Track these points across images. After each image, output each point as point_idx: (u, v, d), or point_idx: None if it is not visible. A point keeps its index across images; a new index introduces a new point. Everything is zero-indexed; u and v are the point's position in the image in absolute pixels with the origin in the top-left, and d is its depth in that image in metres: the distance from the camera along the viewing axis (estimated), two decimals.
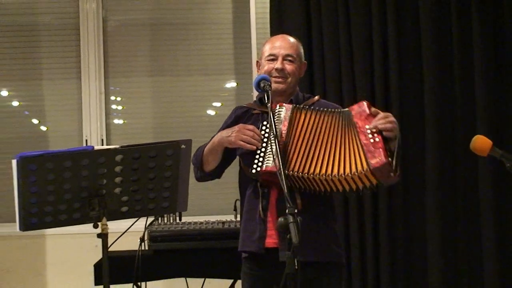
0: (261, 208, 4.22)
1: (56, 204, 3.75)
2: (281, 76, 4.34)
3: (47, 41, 8.03)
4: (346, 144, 4.14)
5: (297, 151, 4.13)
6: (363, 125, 4.13)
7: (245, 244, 4.33)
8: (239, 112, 4.52)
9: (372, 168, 4.01)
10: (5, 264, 7.54)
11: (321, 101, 4.59)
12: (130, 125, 8.08)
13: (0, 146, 7.73)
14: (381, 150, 4.03)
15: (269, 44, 4.50)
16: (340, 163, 4.08)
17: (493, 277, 6.93)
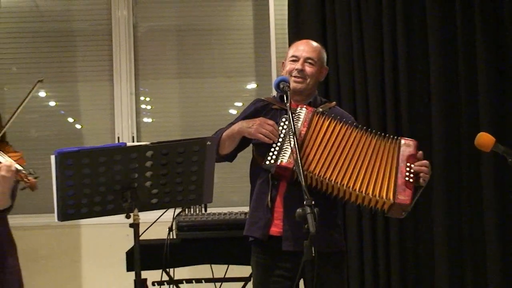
0: (270, 198, 4.24)
1: (91, 196, 3.76)
2: (301, 76, 4.36)
3: (82, 46, 8.06)
4: (381, 168, 4.17)
5: (316, 155, 4.14)
6: (405, 163, 4.15)
7: (250, 229, 4.36)
8: (259, 105, 4.53)
9: (396, 202, 4.06)
10: (43, 251, 7.57)
11: (337, 107, 4.60)
12: (159, 123, 8.11)
13: (39, 143, 7.75)
14: (410, 192, 4.08)
15: (294, 47, 4.53)
16: (365, 180, 4.12)
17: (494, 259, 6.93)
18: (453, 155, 7.07)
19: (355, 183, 4.10)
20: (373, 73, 7.08)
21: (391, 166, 4.14)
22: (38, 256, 7.42)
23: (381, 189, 4.08)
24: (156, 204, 3.93)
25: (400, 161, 4.15)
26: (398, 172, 4.11)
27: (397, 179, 4.09)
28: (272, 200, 4.23)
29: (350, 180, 4.10)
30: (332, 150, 4.15)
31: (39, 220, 7.35)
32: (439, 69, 7.08)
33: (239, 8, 8.16)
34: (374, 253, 6.99)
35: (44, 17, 8.11)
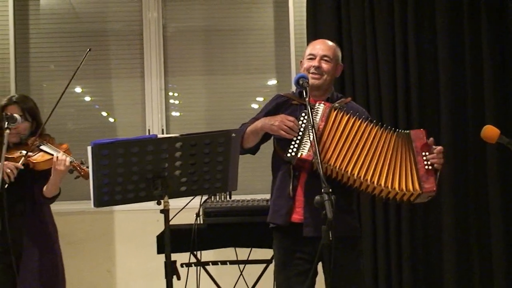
0: (291, 187, 4.24)
1: (125, 184, 3.79)
2: (318, 73, 4.37)
3: (115, 45, 8.11)
4: (398, 161, 4.16)
5: (336, 148, 4.15)
6: (421, 150, 4.15)
7: (273, 217, 4.37)
8: (279, 100, 4.55)
9: (424, 191, 4.07)
10: (80, 235, 7.61)
11: (352, 103, 4.60)
12: (186, 117, 8.14)
13: (75, 135, 7.78)
14: (433, 179, 4.11)
15: (311, 46, 4.54)
16: (389, 176, 4.13)
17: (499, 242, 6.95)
18: (460, 147, 7.08)
19: (380, 178, 4.11)
20: (386, 71, 7.09)
21: (409, 159, 4.15)
22: (76, 239, 7.46)
23: (407, 183, 4.09)
24: (185, 191, 3.95)
25: (416, 153, 4.15)
26: (417, 163, 4.12)
27: (418, 170, 4.11)
28: (294, 190, 4.24)
29: (374, 175, 4.12)
30: (349, 143, 4.17)
31: (77, 206, 7.39)
32: (447, 68, 7.08)
33: (261, 10, 8.17)
34: (386, 237, 7.00)
35: (80, 19, 8.15)
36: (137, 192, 3.84)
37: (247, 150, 4.47)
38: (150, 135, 6.58)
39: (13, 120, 4.32)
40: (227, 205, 5.02)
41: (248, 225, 4.99)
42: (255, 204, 5.02)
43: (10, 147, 4.29)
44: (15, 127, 4.35)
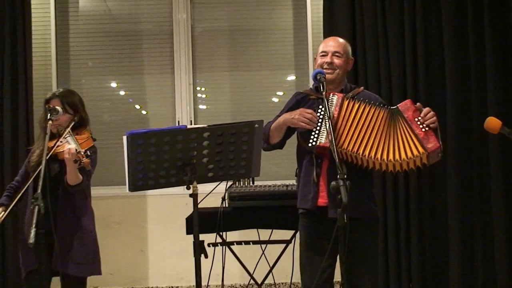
0: (315, 174, 4.25)
1: (157, 170, 3.80)
2: (330, 68, 4.37)
3: (147, 43, 8.14)
4: (398, 134, 4.14)
5: (349, 133, 4.15)
6: (413, 118, 4.13)
7: (301, 202, 4.37)
8: (299, 97, 4.55)
9: (429, 152, 4.04)
10: (116, 218, 7.66)
11: (365, 91, 4.59)
12: (212, 110, 8.16)
13: (110, 126, 7.82)
14: (434, 137, 4.07)
15: (323, 43, 4.54)
16: (395, 150, 4.11)
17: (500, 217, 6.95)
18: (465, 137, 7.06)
19: (388, 154, 4.10)
20: (396, 64, 7.09)
21: (406, 129, 4.12)
22: (111, 222, 7.50)
23: (412, 150, 4.06)
24: (212, 177, 3.96)
25: (410, 122, 4.13)
26: (413, 130, 4.10)
27: (417, 135, 4.08)
28: (317, 176, 4.25)
29: (383, 152, 4.11)
30: (360, 128, 4.16)
31: (112, 191, 7.42)
32: (453, 62, 7.07)
33: (281, 11, 8.18)
34: (396, 217, 7.01)
35: (115, 19, 8.18)
36: (168, 177, 3.85)
37: (274, 145, 4.49)
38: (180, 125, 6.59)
39: (55, 112, 4.34)
40: (250, 190, 5.03)
41: (269, 208, 5.00)
42: (276, 189, 5.02)
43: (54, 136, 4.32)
44: (56, 119, 4.38)
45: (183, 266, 7.41)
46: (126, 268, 7.78)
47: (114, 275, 7.61)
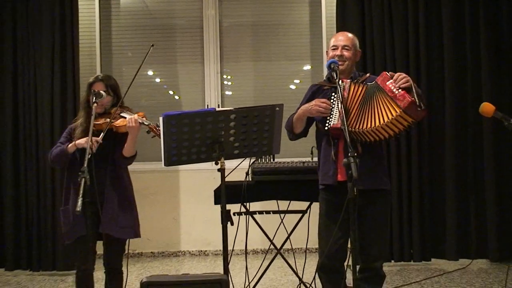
0: (333, 153, 4.22)
1: (189, 148, 3.80)
2: (341, 60, 4.33)
3: (180, 36, 8.16)
4: (379, 103, 4.07)
5: (354, 113, 4.12)
6: (386, 85, 4.08)
7: (323, 179, 4.33)
8: (314, 88, 4.52)
9: (403, 108, 3.95)
10: (152, 189, 7.69)
11: (371, 76, 4.55)
12: (237, 95, 8.17)
13: (147, 109, 7.78)
14: (405, 95, 3.96)
15: (334, 38, 4.50)
16: (379, 116, 4.04)
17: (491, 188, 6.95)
18: (461, 121, 7.04)
19: (375, 122, 4.04)
20: (400, 57, 7.07)
21: (383, 96, 4.05)
22: (148, 193, 7.53)
23: (390, 112, 3.99)
24: (237, 154, 3.95)
25: (386, 90, 4.06)
26: (387, 94, 4.03)
27: (392, 98, 4.00)
28: (335, 155, 4.22)
29: (372, 122, 4.05)
30: (358, 106, 4.13)
31: (149, 166, 7.45)
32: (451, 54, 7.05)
33: (298, 8, 8.17)
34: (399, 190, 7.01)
35: (152, 15, 8.20)
36: (199, 154, 3.85)
37: (299, 135, 4.47)
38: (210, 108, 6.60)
39: (99, 96, 4.34)
40: (271, 166, 5.01)
41: (288, 182, 4.98)
42: (294, 165, 5.00)
43: (96, 117, 4.32)
44: (102, 101, 4.38)
45: (211, 232, 7.45)
46: (160, 234, 7.82)
47: (150, 240, 7.65)
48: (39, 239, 7.15)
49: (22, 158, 7.24)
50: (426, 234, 7.04)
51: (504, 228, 6.88)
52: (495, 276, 6.22)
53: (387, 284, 5.60)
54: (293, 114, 4.42)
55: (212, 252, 7.85)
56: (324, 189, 4.35)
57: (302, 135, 4.47)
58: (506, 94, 7.03)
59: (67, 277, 6.79)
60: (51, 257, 7.12)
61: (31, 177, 7.19)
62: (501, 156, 6.99)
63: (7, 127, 7.23)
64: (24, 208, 7.21)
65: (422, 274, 6.37)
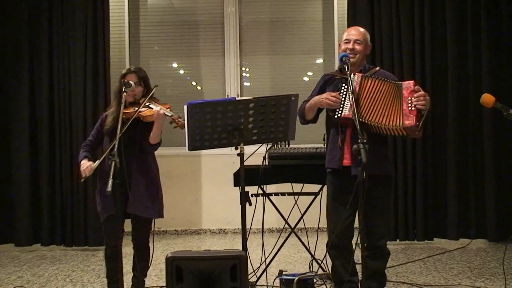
0: (340, 140, 4.22)
1: (211, 134, 3.81)
2: (352, 53, 4.31)
3: (203, 32, 8.16)
4: (392, 106, 4.10)
5: (365, 105, 4.11)
6: (407, 96, 4.09)
7: (329, 163, 4.33)
8: (326, 77, 4.50)
9: (404, 126, 4.03)
10: (176, 172, 7.71)
11: (381, 70, 4.53)
12: (255, 86, 8.16)
13: (172, 99, 7.85)
14: (413, 116, 4.03)
15: (346, 32, 4.47)
16: (386, 117, 4.08)
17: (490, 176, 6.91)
18: (463, 111, 7.00)
19: (382, 120, 4.08)
20: (406, 50, 7.03)
21: (399, 102, 4.10)
22: (172, 176, 7.53)
23: (395, 120, 4.05)
24: (255, 140, 3.96)
25: (403, 98, 4.10)
26: (402, 106, 4.08)
27: (402, 111, 4.07)
28: (342, 142, 4.22)
29: (379, 119, 4.09)
30: (373, 100, 4.13)
31: (174, 151, 7.44)
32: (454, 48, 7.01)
33: (312, 5, 8.13)
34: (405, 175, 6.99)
35: (177, 12, 8.20)
36: (220, 140, 3.85)
37: (309, 121, 4.46)
38: (230, 97, 6.60)
39: (128, 85, 4.34)
40: (286, 151, 4.99)
41: (301, 166, 4.95)
42: (307, 151, 4.98)
43: (126, 106, 4.33)
44: (132, 91, 4.39)
45: (230, 212, 7.46)
46: (183, 213, 7.85)
47: (174, 219, 7.67)
48: (72, 217, 7.22)
49: (57, 142, 7.30)
50: (429, 215, 7.03)
51: (502, 210, 6.86)
52: (492, 255, 6.19)
53: (392, 261, 5.59)
54: (305, 101, 4.40)
55: (231, 231, 7.86)
56: (331, 172, 4.36)
57: (312, 122, 4.47)
58: (505, 87, 6.95)
59: (97, 252, 6.83)
60: (83, 233, 7.18)
61: (65, 160, 7.25)
62: (499, 144, 6.93)
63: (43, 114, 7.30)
64: (59, 188, 7.27)
65: (425, 253, 6.35)
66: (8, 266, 6.24)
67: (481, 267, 5.65)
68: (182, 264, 2.85)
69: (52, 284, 5.35)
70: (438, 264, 5.82)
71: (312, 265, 5.18)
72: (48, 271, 5.95)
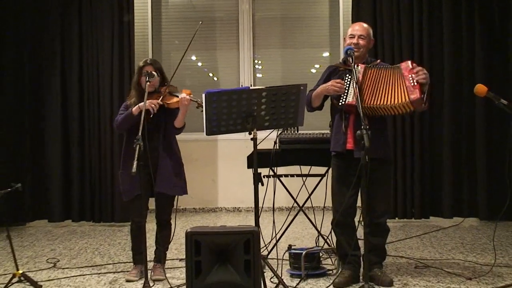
0: (344, 126, 4.21)
1: (227, 120, 3.79)
2: (356, 47, 4.28)
3: (219, 27, 8.18)
4: (396, 86, 4.08)
5: (368, 92, 4.10)
6: (407, 74, 4.07)
7: (334, 147, 4.32)
8: (331, 68, 4.48)
9: (411, 100, 4.00)
10: (195, 156, 7.72)
11: (381, 63, 4.49)
12: (267, 77, 8.14)
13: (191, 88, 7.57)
14: (417, 90, 4.00)
15: (351, 27, 4.44)
16: (392, 97, 4.05)
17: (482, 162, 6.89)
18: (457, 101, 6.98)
19: (387, 101, 4.06)
20: (405, 44, 7.02)
21: (401, 82, 4.08)
22: (191, 159, 7.52)
23: (401, 97, 4.03)
24: (267, 125, 3.93)
25: (404, 76, 4.08)
26: (404, 83, 4.06)
27: (406, 88, 4.05)
28: (345, 127, 4.21)
29: (385, 100, 4.07)
30: (374, 86, 4.12)
31: (193, 136, 7.40)
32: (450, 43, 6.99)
33: (320, 4, 8.12)
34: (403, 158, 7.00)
35: (195, 9, 8.22)
36: (235, 125, 3.83)
37: (315, 108, 4.43)
38: (244, 87, 6.58)
39: (151, 76, 4.35)
40: (295, 136, 4.96)
41: (309, 150, 4.91)
42: (314, 136, 4.95)
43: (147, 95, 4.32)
44: (153, 81, 4.38)
45: (244, 192, 7.48)
46: (201, 193, 7.87)
47: (193, 198, 7.68)
48: (100, 195, 7.28)
49: (86, 128, 7.35)
50: (426, 196, 7.03)
51: (492, 191, 6.83)
52: (483, 232, 6.18)
53: (391, 237, 5.57)
54: (311, 90, 4.38)
55: (244, 209, 7.88)
56: (335, 155, 4.35)
57: (318, 109, 4.45)
58: (497, 79, 6.91)
59: (123, 228, 6.88)
60: (110, 210, 7.24)
61: (94, 145, 7.31)
62: (490, 132, 6.90)
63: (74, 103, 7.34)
64: (88, 170, 7.32)
65: (422, 230, 6.34)
66: (42, 240, 6.28)
67: (472, 243, 5.64)
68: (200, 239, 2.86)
69: (82, 257, 5.38)
70: (433, 240, 5.81)
71: (319, 240, 5.17)
72: (78, 244, 5.99)
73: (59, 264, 5.10)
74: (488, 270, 4.50)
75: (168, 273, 4.58)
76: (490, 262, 4.77)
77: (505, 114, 4.06)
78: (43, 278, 4.59)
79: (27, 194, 7.22)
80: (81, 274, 4.73)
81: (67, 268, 4.93)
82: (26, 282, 4.21)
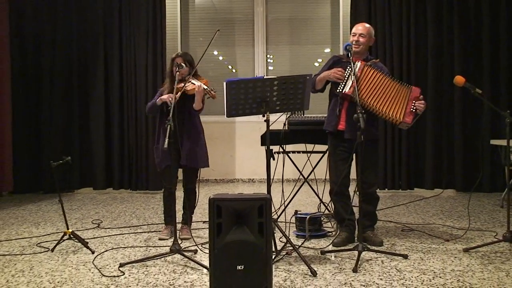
0: (338, 110, 4.18)
1: (244, 104, 3.75)
2: (356, 44, 4.22)
3: (238, 26, 8.10)
4: (398, 102, 4.06)
5: (364, 88, 4.05)
6: (412, 100, 4.06)
7: (327, 126, 4.30)
8: (335, 58, 4.41)
9: (403, 121, 4.03)
10: (216, 135, 7.70)
11: (379, 63, 4.42)
12: (277, 69, 8.06)
13: (213, 78, 7.79)
14: (411, 117, 4.04)
15: (355, 27, 4.37)
16: (390, 109, 4.04)
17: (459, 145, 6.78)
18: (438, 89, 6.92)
19: (386, 109, 4.01)
20: (396, 40, 6.94)
21: (405, 102, 4.04)
22: (213, 137, 7.50)
23: (397, 114, 4.00)
24: (278, 109, 3.88)
25: (409, 100, 4.05)
26: (407, 105, 4.04)
27: (406, 109, 4.03)
28: (339, 111, 4.17)
29: (384, 107, 4.02)
30: (372, 87, 4.05)
31: (214, 118, 7.43)
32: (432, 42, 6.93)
33: (323, 6, 8.02)
34: (392, 138, 6.97)
35: (217, 10, 8.15)
36: (251, 109, 3.79)
37: (318, 90, 4.38)
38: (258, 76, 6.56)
39: (180, 67, 4.31)
40: (302, 119, 4.92)
41: (313, 130, 4.86)
42: (318, 119, 4.88)
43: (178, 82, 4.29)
44: (182, 71, 4.35)
45: (257, 165, 7.49)
46: (221, 166, 7.87)
47: (214, 170, 7.69)
48: (137, 167, 7.30)
49: (125, 110, 7.35)
50: (411, 170, 7.01)
51: (468, 166, 6.80)
52: (459, 201, 6.15)
53: (381, 205, 5.56)
54: (316, 75, 4.31)
55: (258, 180, 7.87)
56: (329, 134, 4.33)
57: (320, 91, 4.39)
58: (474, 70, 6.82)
59: (156, 195, 6.91)
60: (145, 180, 7.26)
61: (132, 126, 7.31)
62: (466, 116, 6.84)
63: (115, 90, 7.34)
64: (126, 146, 7.33)
65: (407, 199, 6.31)
66: (88, 204, 6.31)
67: (450, 210, 5.61)
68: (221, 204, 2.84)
69: (121, 219, 5.40)
70: (417, 208, 5.78)
71: (320, 207, 5.17)
72: (118, 208, 6.01)
73: (102, 224, 5.13)
74: (463, 233, 4.49)
75: (193, 233, 4.60)
76: (464, 226, 4.76)
77: (480, 102, 4.02)
78: (89, 236, 4.62)
79: (75, 166, 7.26)
80: (121, 233, 4.75)
81: (109, 228, 4.95)
82: (75, 239, 4.23)
